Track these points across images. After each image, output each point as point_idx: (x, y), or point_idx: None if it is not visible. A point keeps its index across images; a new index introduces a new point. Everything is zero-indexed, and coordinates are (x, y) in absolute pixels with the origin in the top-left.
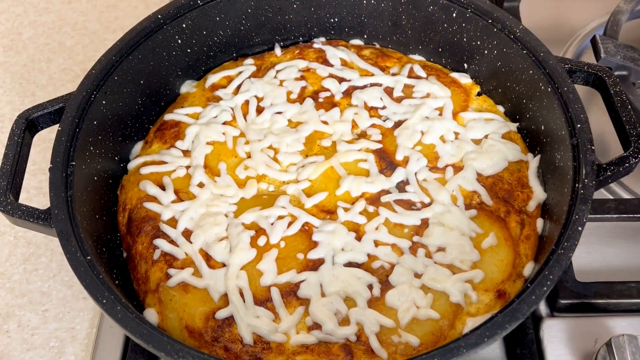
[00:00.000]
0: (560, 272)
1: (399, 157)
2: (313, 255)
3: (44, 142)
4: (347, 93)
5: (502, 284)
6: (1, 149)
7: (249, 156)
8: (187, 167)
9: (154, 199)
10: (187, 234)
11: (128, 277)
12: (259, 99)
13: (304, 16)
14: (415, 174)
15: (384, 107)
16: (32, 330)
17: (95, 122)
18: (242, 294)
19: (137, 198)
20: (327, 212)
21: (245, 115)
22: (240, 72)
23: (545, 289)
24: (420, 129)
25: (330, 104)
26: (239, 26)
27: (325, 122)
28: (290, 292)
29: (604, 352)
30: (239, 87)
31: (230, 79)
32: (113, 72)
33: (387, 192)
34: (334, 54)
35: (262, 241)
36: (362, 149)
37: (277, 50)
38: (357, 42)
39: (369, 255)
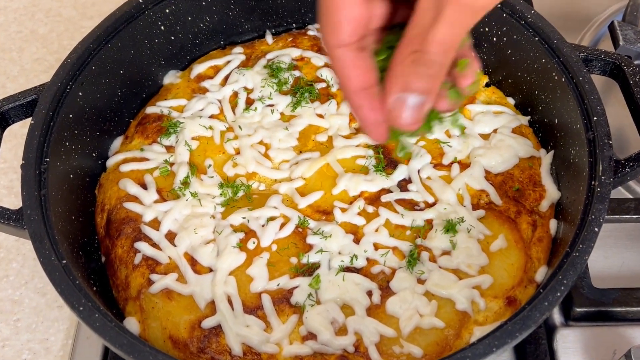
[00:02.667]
0: (575, 276)
1: (400, 153)
2: (307, 259)
3: (16, 137)
4: None
5: (513, 290)
6: None
7: (237, 152)
8: (171, 164)
9: (134, 199)
10: (170, 236)
11: (107, 284)
12: (249, 91)
13: (297, 0)
14: (419, 171)
15: None
16: (2, 342)
17: (71, 116)
18: (230, 302)
19: (117, 198)
20: (323, 213)
21: (233, 108)
22: (228, 62)
23: (559, 294)
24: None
25: (326, 95)
26: (227, 11)
27: (320, 116)
28: (283, 299)
29: None
30: (226, 77)
31: (217, 69)
32: (90, 61)
33: (388, 191)
34: None
35: (252, 244)
36: (360, 145)
37: (269, 38)
38: None
39: (368, 259)
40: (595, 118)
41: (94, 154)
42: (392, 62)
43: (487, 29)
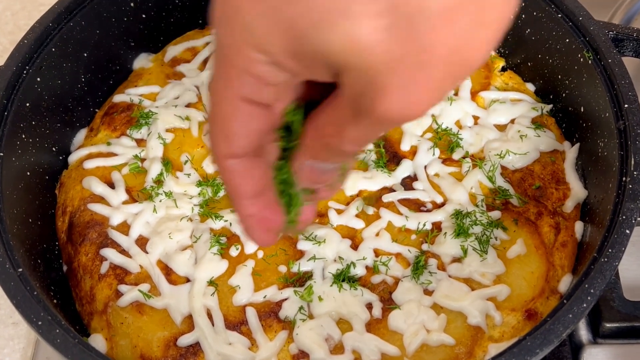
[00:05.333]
0: (604, 284)
1: (404, 146)
2: (298, 267)
3: None
4: None
5: (533, 302)
6: None
7: None
8: (142, 160)
9: (100, 200)
10: (142, 242)
11: (69, 296)
12: None
13: None
14: (425, 167)
15: None
16: None
17: (27, 104)
18: (210, 316)
19: (80, 198)
20: (316, 215)
21: None
22: (207, 43)
23: (585, 305)
24: (431, 112)
25: None
26: None
27: None
28: (270, 313)
29: None
30: (205, 61)
31: (195, 52)
32: (50, 42)
33: (390, 189)
34: None
35: (235, 250)
36: None
37: None
38: None
39: (367, 267)
40: (626, 105)
41: (54, 149)
42: (305, 139)
43: None
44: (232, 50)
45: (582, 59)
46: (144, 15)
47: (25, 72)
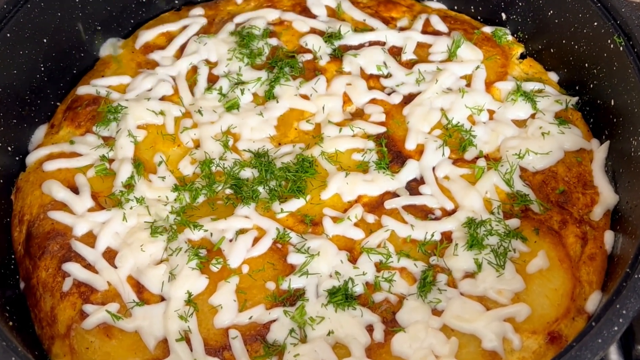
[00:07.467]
0: (638, 305)
1: (410, 145)
2: (289, 284)
3: None
4: (337, 55)
5: (556, 324)
6: None
7: (197, 145)
8: (110, 161)
9: (63, 207)
10: (110, 255)
11: (27, 317)
12: (212, 65)
13: None
14: (433, 169)
15: (388, 76)
16: None
17: None
18: (188, 340)
19: (40, 205)
20: (309, 224)
21: (191, 87)
22: (184, 27)
23: (616, 328)
24: (440, 105)
25: (312, 70)
26: None
27: (305, 97)
28: (257, 337)
29: None
30: (182, 47)
31: (170, 37)
32: (4, 26)
33: (394, 194)
34: (318, 0)
35: (216, 265)
36: (357, 135)
37: None
38: None
39: (367, 284)
40: None
41: (9, 148)
42: None
43: None
44: None
45: (612, 45)
46: None
47: None
